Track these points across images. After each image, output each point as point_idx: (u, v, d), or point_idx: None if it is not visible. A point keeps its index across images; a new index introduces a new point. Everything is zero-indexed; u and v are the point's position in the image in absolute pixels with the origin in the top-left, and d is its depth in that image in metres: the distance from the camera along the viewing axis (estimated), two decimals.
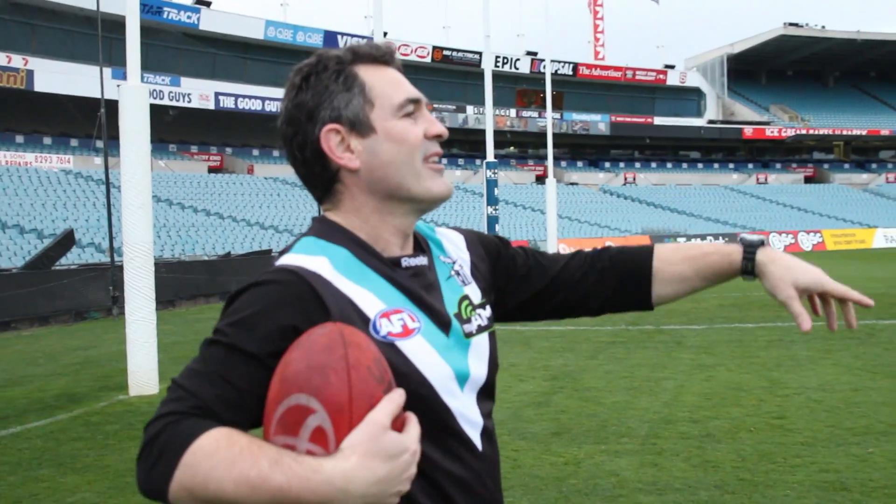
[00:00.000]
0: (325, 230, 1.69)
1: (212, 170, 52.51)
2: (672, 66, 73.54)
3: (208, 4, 50.95)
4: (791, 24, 73.61)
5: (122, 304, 13.74)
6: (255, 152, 56.15)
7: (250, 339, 1.50)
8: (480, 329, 1.77)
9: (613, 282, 1.97)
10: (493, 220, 29.01)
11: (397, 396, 1.44)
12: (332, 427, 1.38)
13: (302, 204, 44.54)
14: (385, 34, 30.61)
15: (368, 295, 1.61)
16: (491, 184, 29.14)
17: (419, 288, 1.69)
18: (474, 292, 1.81)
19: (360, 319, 1.57)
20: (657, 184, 69.65)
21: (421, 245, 1.79)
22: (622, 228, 53.46)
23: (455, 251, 1.86)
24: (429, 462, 1.58)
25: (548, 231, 32.36)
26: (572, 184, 66.05)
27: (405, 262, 1.70)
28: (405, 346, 1.59)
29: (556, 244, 32.26)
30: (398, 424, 1.44)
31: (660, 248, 1.99)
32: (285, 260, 1.62)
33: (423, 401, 1.58)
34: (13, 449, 8.21)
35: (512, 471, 6.78)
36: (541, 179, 61.17)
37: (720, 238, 52.05)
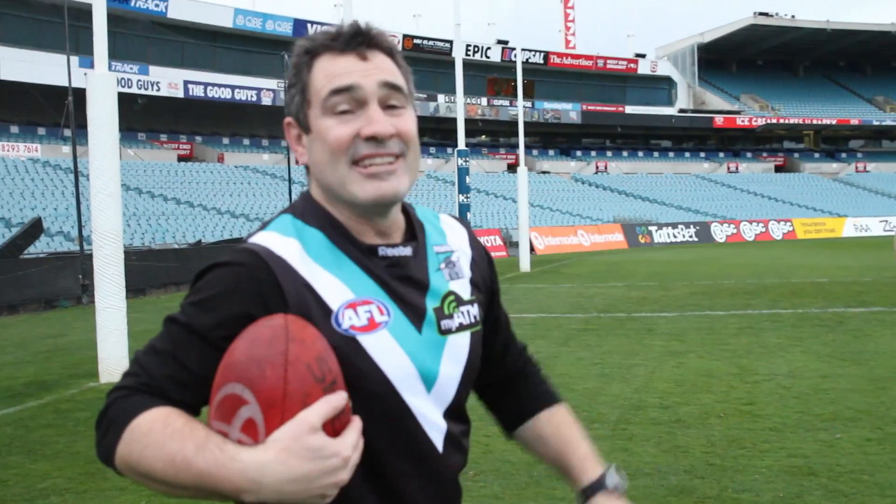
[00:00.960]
0: (305, 209, 1.64)
1: (182, 158, 52.22)
2: (643, 55, 73.79)
3: None
4: (761, 14, 74.00)
5: (91, 293, 13.65)
6: (225, 140, 55.88)
7: (206, 322, 1.51)
8: (462, 327, 1.69)
9: (504, 395, 1.99)
10: (464, 209, 28.94)
11: (336, 399, 1.40)
12: (263, 420, 1.38)
13: (272, 192, 44.39)
14: None
15: (337, 283, 1.57)
16: (462, 172, 29.06)
17: (395, 279, 1.63)
18: (463, 287, 1.74)
19: (321, 310, 1.54)
20: (628, 172, 69.91)
21: (414, 232, 1.71)
22: (594, 217, 53.64)
23: (457, 241, 1.79)
24: (381, 459, 1.57)
25: (519, 220, 32.30)
26: (544, 172, 66.23)
27: (382, 252, 1.63)
28: (367, 340, 1.55)
29: (527, 233, 32.22)
30: (338, 426, 1.41)
31: (556, 410, 1.97)
32: (257, 238, 1.59)
33: (381, 399, 1.56)
34: None
35: (483, 456, 6.79)
36: (512, 168, 61.30)
37: (691, 227, 52.29)
